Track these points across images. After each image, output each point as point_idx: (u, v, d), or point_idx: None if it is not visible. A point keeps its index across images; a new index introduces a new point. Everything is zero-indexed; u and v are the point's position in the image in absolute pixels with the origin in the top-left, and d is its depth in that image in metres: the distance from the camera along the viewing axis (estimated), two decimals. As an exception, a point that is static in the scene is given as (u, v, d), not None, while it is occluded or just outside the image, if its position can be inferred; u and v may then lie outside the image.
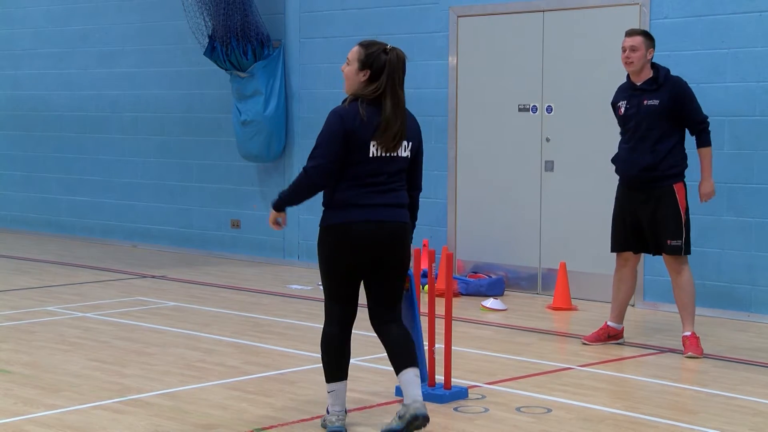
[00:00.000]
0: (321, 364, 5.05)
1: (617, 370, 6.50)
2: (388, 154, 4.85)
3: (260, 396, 5.74)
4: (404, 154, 4.92)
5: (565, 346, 7.32)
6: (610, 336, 7.14)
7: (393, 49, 4.91)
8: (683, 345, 6.89)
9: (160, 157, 12.12)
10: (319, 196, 4.98)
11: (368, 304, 5.06)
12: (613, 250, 7.14)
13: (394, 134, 4.82)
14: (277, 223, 5.04)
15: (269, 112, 10.74)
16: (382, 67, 4.85)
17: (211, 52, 10.70)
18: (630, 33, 6.94)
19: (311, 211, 10.83)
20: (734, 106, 8.18)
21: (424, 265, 8.41)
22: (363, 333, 7.49)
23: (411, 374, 4.88)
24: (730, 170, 8.22)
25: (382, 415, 5.36)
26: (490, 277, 9.28)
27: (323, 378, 6.15)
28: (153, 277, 10.21)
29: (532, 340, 7.37)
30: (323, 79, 10.66)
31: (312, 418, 5.30)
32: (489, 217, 9.54)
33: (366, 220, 4.83)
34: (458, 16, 9.64)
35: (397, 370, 4.92)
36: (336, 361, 5.00)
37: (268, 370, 6.35)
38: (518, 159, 9.32)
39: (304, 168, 4.87)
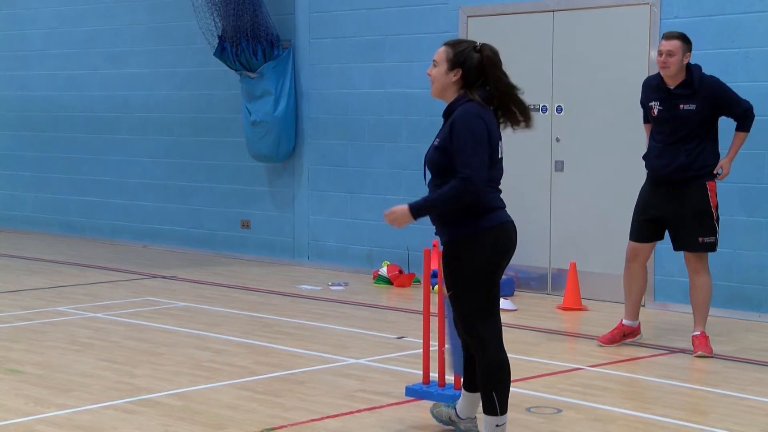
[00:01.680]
0: (492, 394, 4.56)
1: (627, 370, 6.48)
2: (502, 156, 4.69)
3: (270, 396, 5.75)
4: (503, 155, 4.75)
5: (575, 347, 7.31)
6: (626, 334, 7.08)
7: (484, 45, 4.69)
8: (693, 344, 6.88)
9: (169, 157, 12.14)
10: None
11: None
12: (631, 237, 7.07)
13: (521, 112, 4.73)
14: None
15: (279, 113, 10.74)
16: (477, 65, 4.62)
17: (220, 52, 10.72)
18: (667, 36, 6.83)
19: (321, 212, 10.86)
20: (745, 106, 8.15)
21: (434, 266, 8.40)
22: (372, 333, 7.51)
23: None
24: (742, 170, 8.19)
25: (392, 416, 5.36)
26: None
27: (332, 378, 6.17)
28: (163, 277, 10.23)
29: (542, 341, 7.36)
30: (333, 80, 10.66)
31: (321, 419, 5.30)
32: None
33: (511, 221, 4.66)
34: (468, 16, 9.63)
35: (474, 389, 4.84)
36: (508, 387, 4.60)
37: (277, 371, 6.35)
38: (528, 159, 9.30)
39: (462, 177, 4.43)
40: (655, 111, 6.91)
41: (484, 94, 4.65)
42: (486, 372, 4.58)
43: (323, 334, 7.61)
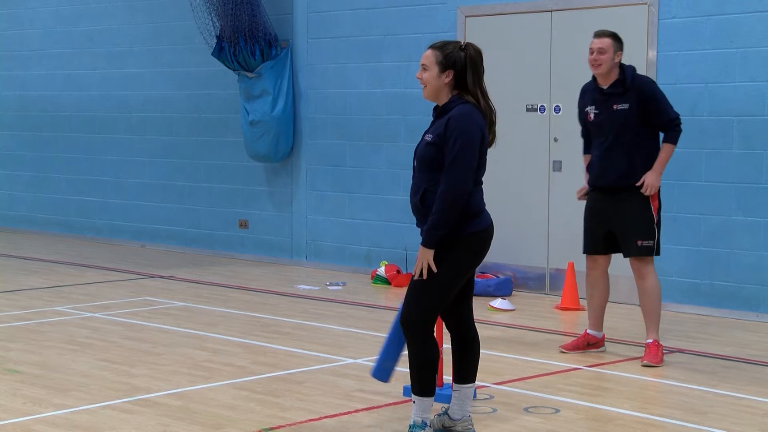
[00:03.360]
0: (414, 376, 4.73)
1: (625, 370, 6.49)
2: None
3: (268, 396, 5.75)
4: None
5: (573, 347, 7.31)
6: (590, 344, 6.88)
7: (469, 44, 4.79)
8: (644, 351, 6.66)
9: (168, 157, 12.14)
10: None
11: (453, 306, 4.90)
12: (585, 251, 6.87)
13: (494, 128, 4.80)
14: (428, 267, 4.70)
15: (277, 113, 10.75)
16: (464, 66, 4.73)
17: (219, 52, 10.72)
18: (598, 34, 6.70)
19: (319, 212, 10.86)
20: (743, 106, 8.16)
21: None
22: (371, 333, 7.51)
23: (471, 390, 4.98)
24: (739, 170, 8.21)
25: (390, 415, 5.36)
26: (498, 277, 9.27)
27: (330, 378, 6.17)
28: (161, 277, 10.23)
29: (540, 341, 7.37)
30: (331, 80, 10.66)
31: (320, 418, 5.30)
32: (497, 217, 9.38)
33: (491, 223, 4.91)
34: (466, 16, 9.64)
35: (462, 381, 4.93)
36: (435, 370, 4.78)
37: (275, 370, 6.35)
38: (526, 159, 9.31)
39: (447, 188, 4.60)
40: (591, 115, 6.73)
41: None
42: (414, 353, 4.71)
43: (321, 334, 7.61)
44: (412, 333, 4.72)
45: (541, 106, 9.22)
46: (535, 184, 9.27)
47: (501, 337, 7.48)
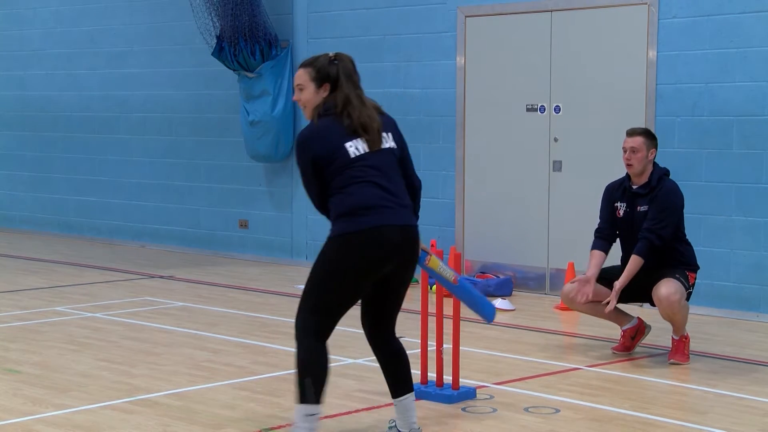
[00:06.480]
0: (300, 385, 4.53)
1: (625, 370, 6.49)
2: (375, 149, 4.61)
3: (268, 396, 5.75)
4: (390, 145, 4.67)
5: (572, 347, 7.32)
6: (634, 337, 6.84)
7: (338, 54, 4.80)
8: (671, 346, 6.66)
9: (168, 157, 12.14)
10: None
11: (368, 317, 4.77)
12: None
13: (377, 128, 4.63)
14: None
15: (277, 113, 10.75)
16: (338, 75, 4.72)
17: (219, 52, 10.72)
18: (630, 133, 6.62)
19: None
20: (743, 106, 8.16)
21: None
22: (371, 333, 7.50)
23: (411, 399, 4.85)
24: (739, 170, 8.21)
25: (390, 416, 5.36)
26: (498, 277, 9.28)
27: (332, 378, 6.15)
28: (161, 277, 10.23)
29: (540, 341, 7.37)
30: (331, 80, 10.64)
31: (319, 418, 5.29)
32: (497, 217, 9.53)
33: (391, 225, 4.55)
34: (466, 16, 9.64)
35: (398, 394, 4.81)
36: (325, 378, 4.57)
37: (275, 370, 6.36)
38: (526, 159, 9.32)
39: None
40: (621, 212, 6.67)
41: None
42: (301, 357, 4.53)
43: (321, 334, 7.60)
44: (295, 336, 4.61)
45: (541, 106, 9.22)
46: (535, 184, 9.27)
47: (501, 337, 7.49)
